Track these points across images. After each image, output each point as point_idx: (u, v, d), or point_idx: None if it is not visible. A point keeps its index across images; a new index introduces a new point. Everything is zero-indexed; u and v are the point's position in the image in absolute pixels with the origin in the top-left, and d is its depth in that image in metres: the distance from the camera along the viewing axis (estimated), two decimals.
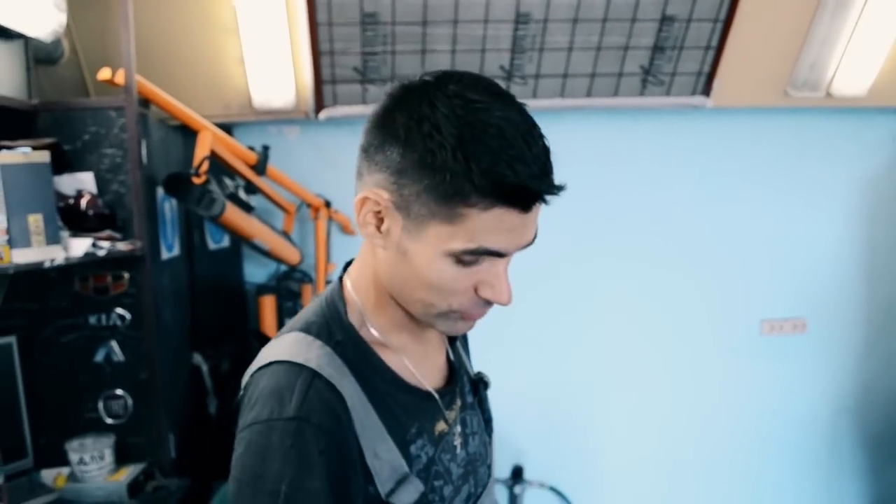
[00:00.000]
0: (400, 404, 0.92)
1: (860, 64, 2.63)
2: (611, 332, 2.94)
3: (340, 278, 0.98)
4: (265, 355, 0.91)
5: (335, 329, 0.91)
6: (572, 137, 2.82)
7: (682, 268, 2.94)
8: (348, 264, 0.99)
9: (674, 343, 2.98)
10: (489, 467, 1.09)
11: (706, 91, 2.66)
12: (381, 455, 0.87)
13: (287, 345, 0.90)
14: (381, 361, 0.93)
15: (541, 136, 0.81)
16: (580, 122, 2.80)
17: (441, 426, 0.96)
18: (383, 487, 0.86)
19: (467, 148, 0.76)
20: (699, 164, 2.90)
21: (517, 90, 2.56)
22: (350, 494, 0.85)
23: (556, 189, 0.81)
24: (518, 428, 2.79)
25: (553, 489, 2.96)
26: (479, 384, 1.09)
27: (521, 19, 2.40)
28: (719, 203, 2.93)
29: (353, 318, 0.93)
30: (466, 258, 0.82)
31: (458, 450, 0.99)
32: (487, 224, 0.79)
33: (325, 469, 0.82)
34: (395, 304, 0.92)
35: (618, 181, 2.87)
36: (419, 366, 0.97)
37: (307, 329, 0.91)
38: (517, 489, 2.88)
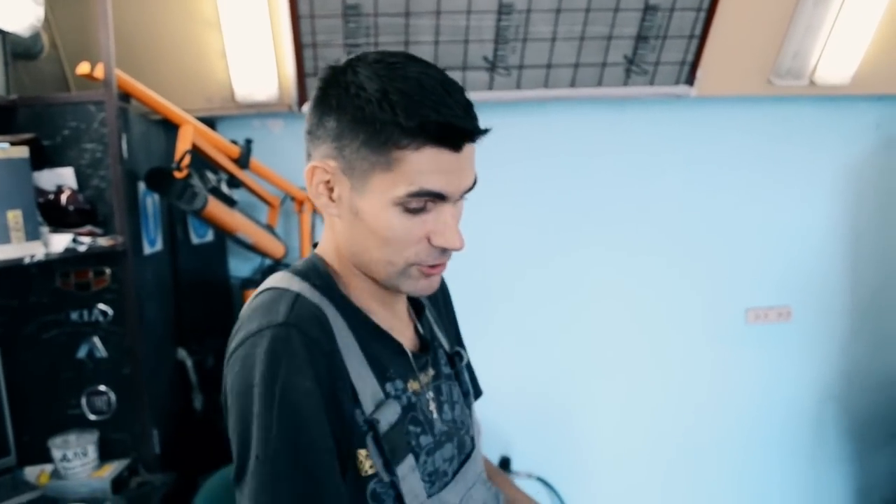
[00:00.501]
0: (377, 348, 0.97)
1: (843, 52, 2.63)
2: (597, 322, 2.95)
3: (313, 248, 1.07)
4: (258, 289, 0.99)
5: (314, 276, 0.98)
6: (556, 128, 2.82)
7: (667, 257, 2.94)
8: (314, 246, 1.07)
9: (660, 332, 2.99)
10: (472, 438, 1.13)
11: (690, 80, 2.66)
12: (364, 378, 0.93)
13: (272, 279, 0.99)
14: (359, 310, 0.99)
15: (460, 89, 0.89)
16: (564, 113, 2.79)
17: (413, 385, 1.01)
18: (366, 408, 0.91)
19: (391, 98, 0.84)
20: (683, 153, 2.90)
21: (501, 81, 2.55)
22: (341, 403, 0.89)
23: (478, 128, 0.88)
24: (505, 418, 2.79)
25: (541, 480, 2.97)
26: (455, 357, 1.14)
27: (503, 10, 2.39)
28: (704, 192, 2.93)
29: (330, 272, 1.00)
30: (412, 205, 0.88)
31: (434, 413, 1.03)
32: (422, 165, 0.86)
33: (316, 372, 0.86)
34: (362, 275, 0.99)
35: (602, 171, 2.87)
36: (390, 331, 1.02)
37: (291, 269, 1.00)
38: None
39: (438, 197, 0.88)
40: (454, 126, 0.85)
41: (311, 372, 0.86)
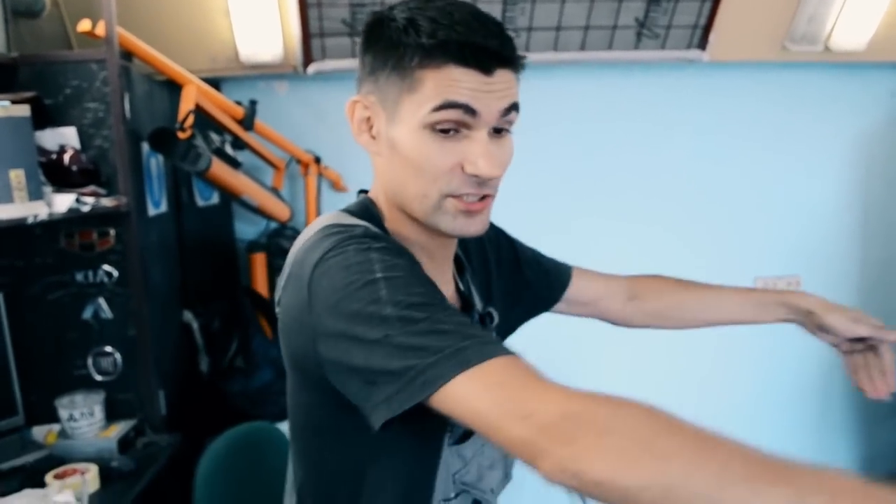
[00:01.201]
0: None
1: (859, 17, 2.58)
2: None
3: (364, 193, 1.04)
4: (305, 231, 0.96)
5: (369, 217, 0.96)
6: (565, 92, 2.78)
7: (674, 225, 2.92)
8: (362, 191, 1.05)
9: None
10: None
11: (702, 45, 2.62)
12: None
13: (328, 217, 0.96)
14: (412, 254, 0.94)
15: (495, 19, 0.88)
16: (573, 77, 2.75)
17: None
18: None
19: (417, 23, 0.84)
20: (694, 119, 2.87)
21: None
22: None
23: (508, 48, 0.87)
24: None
25: None
26: (486, 318, 1.12)
27: None
28: (714, 159, 2.91)
29: (382, 216, 0.99)
30: (441, 124, 0.86)
31: None
32: (445, 81, 0.84)
33: (410, 260, 0.85)
34: (408, 219, 0.96)
35: (610, 137, 2.84)
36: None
37: (345, 210, 0.98)
38: (509, 458, 2.89)
39: (467, 111, 0.85)
40: (477, 45, 0.83)
41: (407, 255, 0.85)
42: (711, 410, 3.04)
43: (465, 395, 0.70)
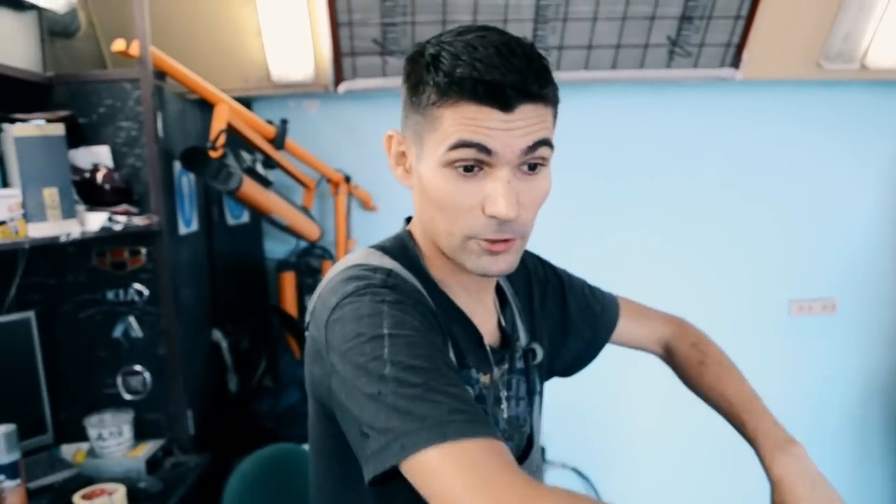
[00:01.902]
0: (458, 335, 0.96)
1: None
2: None
3: (408, 222, 1.04)
4: (335, 267, 0.96)
5: (402, 255, 0.97)
6: (597, 111, 2.77)
7: (708, 246, 2.88)
8: (408, 219, 1.04)
9: (701, 323, 2.89)
10: (531, 438, 1.09)
11: (735, 63, 2.59)
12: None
13: (358, 254, 0.96)
14: (444, 293, 0.97)
15: (524, 52, 0.85)
16: (605, 96, 2.74)
17: (485, 378, 0.99)
18: None
19: (439, 60, 0.83)
20: (727, 139, 2.84)
21: None
22: (446, 350, 0.87)
23: (532, 82, 0.83)
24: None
25: (575, 470, 2.93)
26: (528, 354, 1.10)
27: None
28: (748, 180, 2.87)
29: (418, 254, 0.98)
30: (458, 163, 0.84)
31: (504, 410, 1.02)
32: (461, 120, 0.82)
33: (424, 319, 0.84)
34: (441, 254, 0.95)
35: (643, 156, 2.81)
36: (472, 318, 0.99)
37: (378, 247, 0.98)
38: None
39: (482, 150, 0.82)
40: (490, 82, 0.80)
41: (416, 314, 0.84)
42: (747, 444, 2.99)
43: (436, 468, 0.70)
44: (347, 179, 2.58)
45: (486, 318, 1.03)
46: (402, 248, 0.98)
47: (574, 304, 1.23)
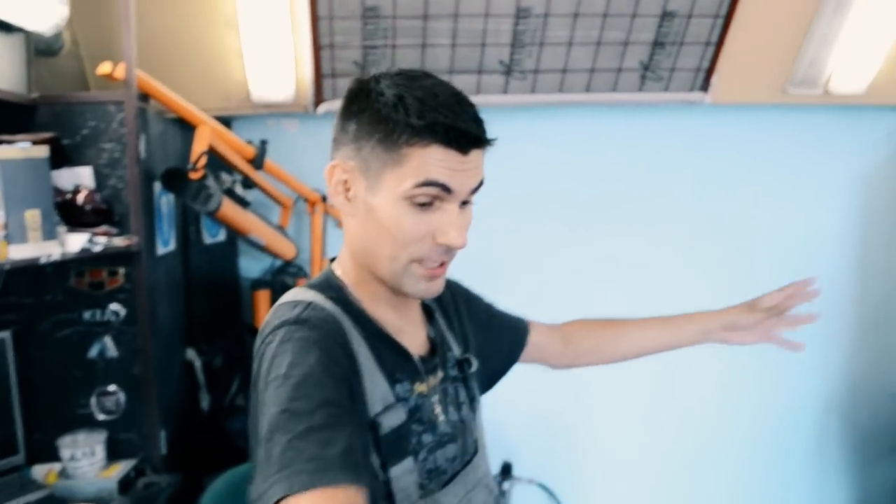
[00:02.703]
0: (385, 354, 1.03)
1: (859, 62, 2.63)
2: None
3: (331, 263, 1.12)
4: (276, 304, 1.05)
5: (327, 288, 1.05)
6: (571, 133, 2.82)
7: (677, 263, 2.93)
8: (333, 259, 1.13)
9: None
10: (476, 442, 1.17)
11: (705, 87, 2.66)
12: (375, 381, 0.98)
13: (289, 294, 1.06)
14: (370, 318, 1.04)
15: (472, 104, 0.96)
16: (579, 118, 2.79)
17: (420, 387, 1.06)
18: (372, 409, 0.96)
19: (406, 102, 0.91)
20: (697, 159, 2.90)
21: (516, 85, 2.54)
22: (353, 389, 0.93)
23: (485, 136, 0.95)
24: (508, 424, 2.78)
25: (542, 486, 2.96)
26: (464, 363, 1.18)
27: (521, 14, 2.38)
28: (716, 199, 2.93)
29: (342, 285, 1.06)
30: (419, 199, 0.93)
31: (440, 415, 1.08)
32: (429, 160, 0.92)
33: (322, 353, 0.91)
34: (374, 278, 1.04)
35: (615, 176, 2.86)
36: (400, 335, 1.07)
37: (307, 284, 1.08)
38: (506, 485, 2.87)
39: (444, 189, 0.93)
40: (461, 129, 0.91)
41: (317, 352, 0.90)
42: (708, 447, 3.05)
43: None
44: (324, 199, 2.59)
45: (414, 333, 1.12)
46: (326, 282, 1.06)
47: (493, 320, 1.35)
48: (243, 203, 2.14)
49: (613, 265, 2.91)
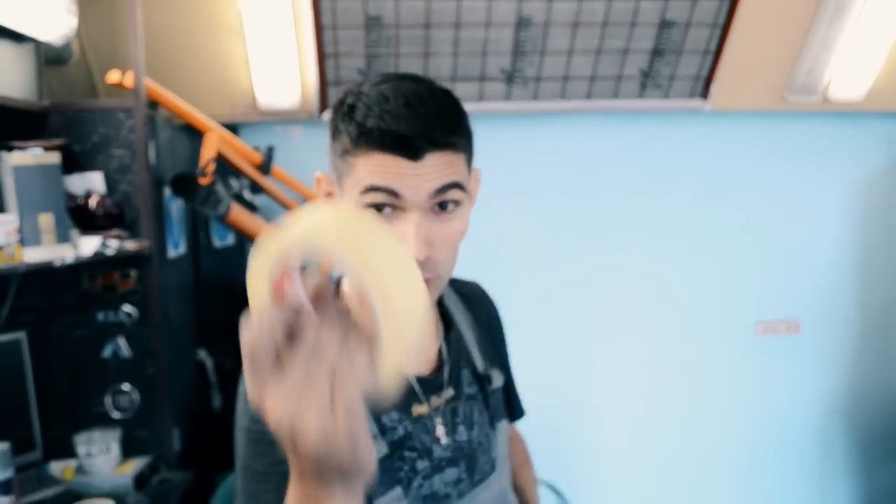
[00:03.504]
0: None
1: (857, 69, 2.66)
2: (606, 333, 2.98)
3: None
4: None
5: None
6: (572, 139, 2.85)
7: (677, 268, 2.97)
8: None
9: (669, 343, 3.02)
10: (493, 461, 1.11)
11: (704, 94, 2.70)
12: None
13: None
14: None
15: (433, 99, 0.90)
16: (580, 125, 2.83)
17: (420, 409, 1.02)
18: None
19: (355, 109, 0.89)
20: (696, 166, 2.93)
21: (518, 92, 2.59)
22: None
23: (438, 133, 0.88)
24: (515, 424, 2.82)
25: (550, 486, 3.00)
26: (483, 380, 1.13)
27: (522, 23, 2.43)
28: (716, 205, 2.96)
29: None
30: (371, 206, 0.89)
31: (444, 436, 1.03)
32: (372, 167, 0.88)
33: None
34: None
35: (615, 182, 2.90)
36: None
37: None
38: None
39: (391, 195, 0.88)
40: (393, 133, 0.86)
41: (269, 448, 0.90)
42: (713, 450, 3.08)
43: None
44: None
45: (424, 345, 1.07)
46: None
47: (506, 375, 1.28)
48: (251, 208, 2.20)
49: (614, 271, 2.94)
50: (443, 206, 0.91)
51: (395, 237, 0.67)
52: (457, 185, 0.91)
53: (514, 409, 1.34)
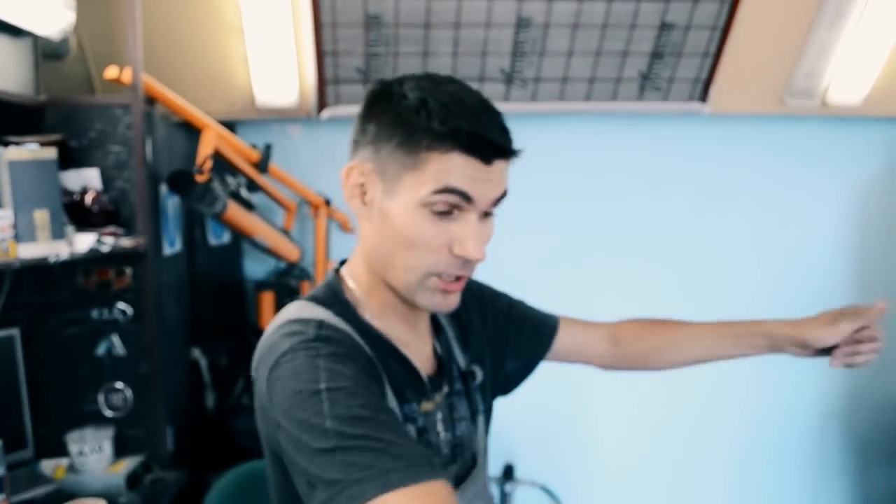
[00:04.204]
0: (395, 371, 0.99)
1: (856, 73, 2.66)
2: None
3: (337, 270, 1.07)
4: (272, 323, 0.98)
5: (334, 302, 1.00)
6: (570, 141, 2.85)
7: (675, 271, 2.96)
8: (343, 262, 1.08)
9: None
10: (475, 455, 1.12)
11: (703, 97, 2.70)
12: (388, 397, 0.95)
13: (292, 309, 0.99)
14: (378, 333, 1.00)
15: (498, 112, 0.92)
16: (579, 126, 2.83)
17: (427, 405, 1.03)
18: None
19: (429, 106, 0.88)
20: (695, 169, 2.93)
21: (517, 93, 2.59)
22: (385, 396, 0.91)
23: (510, 146, 0.91)
24: (510, 426, 2.82)
25: (544, 488, 2.99)
26: (468, 376, 1.14)
27: (522, 24, 2.43)
28: (714, 208, 2.96)
29: (350, 298, 1.02)
30: (438, 206, 0.89)
31: (443, 432, 1.05)
32: (450, 167, 0.88)
33: (355, 366, 0.87)
34: (386, 287, 0.99)
35: (614, 184, 2.90)
36: (408, 350, 1.03)
37: (310, 298, 1.01)
38: (507, 487, 2.90)
39: (464, 198, 0.89)
40: (484, 137, 0.88)
41: (351, 365, 0.86)
42: (708, 453, 3.08)
43: None
44: (327, 202, 2.64)
45: (421, 348, 1.07)
46: (333, 295, 1.01)
47: (514, 318, 1.28)
48: (248, 206, 2.18)
49: (611, 273, 2.94)
50: (487, 213, 0.94)
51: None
52: (506, 194, 0.95)
53: (543, 325, 1.32)
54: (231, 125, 2.51)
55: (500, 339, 1.24)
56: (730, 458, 3.10)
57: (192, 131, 2.10)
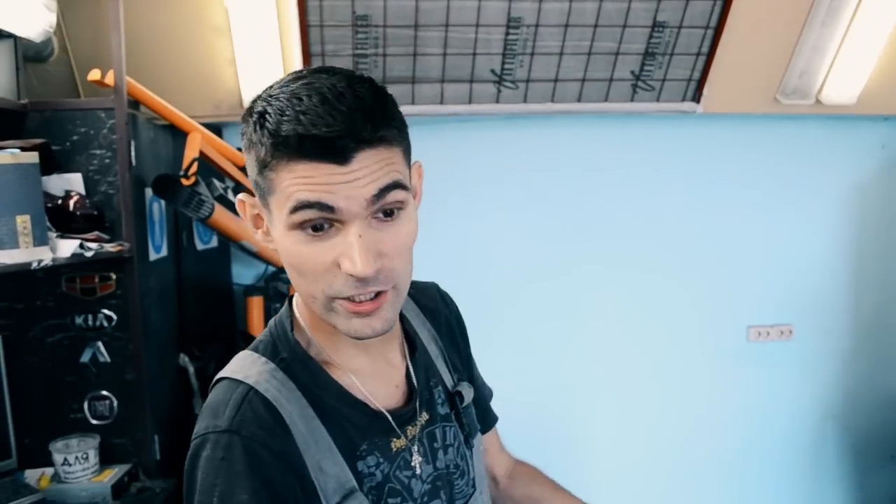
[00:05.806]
0: (349, 421, 0.90)
1: (850, 72, 2.65)
2: (598, 337, 2.95)
3: (291, 297, 0.97)
4: (218, 374, 0.93)
5: (281, 347, 0.91)
6: (562, 142, 2.83)
7: (670, 273, 2.95)
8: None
9: (661, 349, 3.00)
10: (473, 481, 1.05)
11: (696, 97, 2.68)
12: (327, 470, 0.86)
13: (234, 363, 0.92)
14: (329, 378, 0.91)
15: (353, 91, 0.78)
16: (570, 127, 2.80)
17: (398, 443, 0.94)
18: (329, 501, 0.85)
19: (266, 116, 0.77)
20: (688, 169, 2.92)
21: (508, 94, 2.56)
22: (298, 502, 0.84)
23: (367, 128, 0.77)
24: (504, 433, 2.79)
25: None
26: (455, 398, 1.05)
27: (512, 24, 2.40)
28: (708, 208, 2.95)
29: (300, 336, 0.93)
30: (304, 225, 0.78)
31: (420, 466, 0.96)
32: (298, 180, 0.76)
33: (255, 483, 0.80)
34: None
35: (607, 186, 2.88)
36: (370, 383, 0.94)
37: (255, 347, 0.93)
38: None
39: (323, 209, 0.77)
40: (313, 136, 0.75)
41: (249, 483, 0.80)
42: (704, 456, 3.06)
43: None
44: None
45: (389, 375, 0.98)
46: (282, 336, 0.93)
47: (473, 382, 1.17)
48: (235, 210, 2.16)
49: (604, 275, 2.92)
50: (387, 212, 0.81)
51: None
52: (397, 185, 0.80)
53: (486, 418, 1.24)
54: (218, 128, 2.48)
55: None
56: (727, 460, 3.09)
57: (177, 134, 2.08)
